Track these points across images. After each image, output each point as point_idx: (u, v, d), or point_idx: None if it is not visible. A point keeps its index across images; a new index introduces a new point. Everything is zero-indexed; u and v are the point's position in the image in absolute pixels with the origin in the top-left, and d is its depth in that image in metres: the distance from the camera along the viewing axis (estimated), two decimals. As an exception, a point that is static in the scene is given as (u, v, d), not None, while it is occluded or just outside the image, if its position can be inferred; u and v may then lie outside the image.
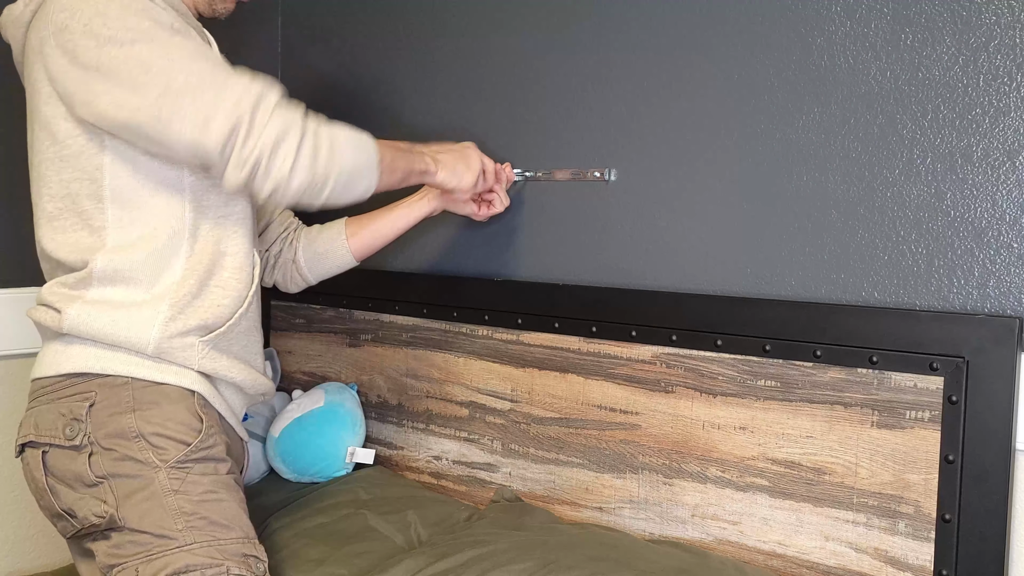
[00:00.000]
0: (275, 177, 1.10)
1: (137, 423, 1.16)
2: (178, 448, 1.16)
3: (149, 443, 1.16)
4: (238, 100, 1.08)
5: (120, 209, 1.17)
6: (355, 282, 1.86)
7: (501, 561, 1.29)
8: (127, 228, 1.17)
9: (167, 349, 1.18)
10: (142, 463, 1.15)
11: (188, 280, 1.19)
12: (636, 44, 1.49)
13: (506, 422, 1.64)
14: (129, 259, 1.17)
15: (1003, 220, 1.18)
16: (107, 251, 1.17)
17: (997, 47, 1.17)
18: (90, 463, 1.15)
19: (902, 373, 1.21)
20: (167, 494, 1.14)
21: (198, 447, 1.18)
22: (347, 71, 1.96)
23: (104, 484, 1.15)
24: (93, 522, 1.15)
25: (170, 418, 1.17)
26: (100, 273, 1.17)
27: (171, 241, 1.19)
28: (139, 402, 1.17)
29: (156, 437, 1.16)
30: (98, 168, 1.15)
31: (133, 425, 1.16)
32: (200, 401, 1.21)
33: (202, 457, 1.18)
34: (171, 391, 1.19)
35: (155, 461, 1.15)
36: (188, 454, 1.17)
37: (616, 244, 1.52)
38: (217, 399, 1.24)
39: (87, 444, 1.15)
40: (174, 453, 1.16)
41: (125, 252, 1.17)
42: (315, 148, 1.12)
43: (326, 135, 1.15)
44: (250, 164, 1.09)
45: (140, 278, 1.18)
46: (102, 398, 1.16)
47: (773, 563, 1.33)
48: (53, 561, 1.74)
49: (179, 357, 1.19)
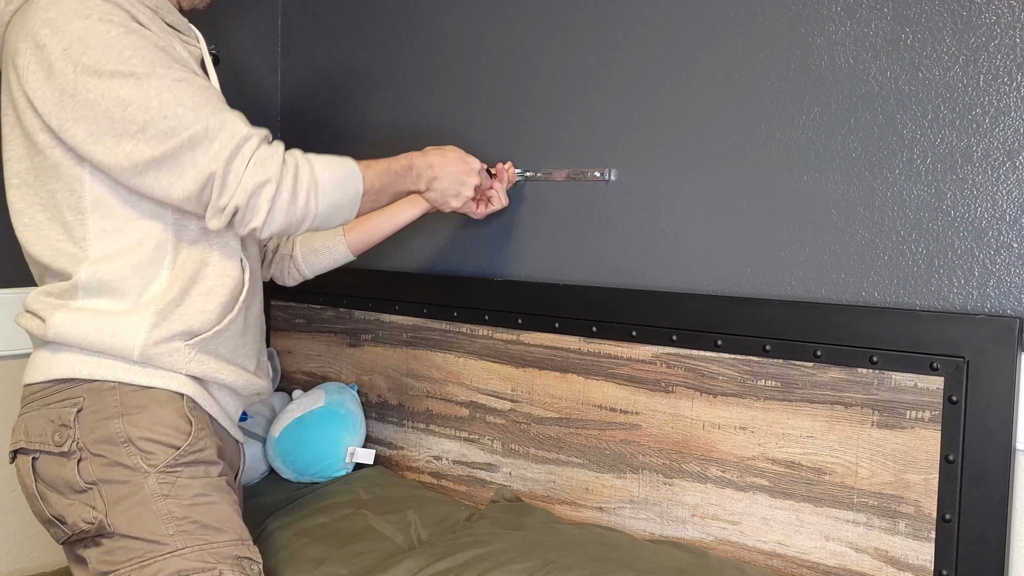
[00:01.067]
0: (252, 223, 1.13)
1: (125, 428, 1.15)
2: (167, 452, 1.15)
3: (137, 448, 1.14)
4: (213, 156, 1.09)
5: (102, 220, 1.15)
6: (355, 282, 1.86)
7: (501, 561, 1.29)
8: (110, 239, 1.16)
9: (153, 355, 1.17)
10: (131, 468, 1.14)
11: (173, 288, 1.18)
12: (636, 44, 1.49)
13: (506, 422, 1.64)
14: (114, 270, 1.16)
15: (1003, 220, 1.18)
16: (91, 262, 1.16)
17: (997, 47, 1.17)
18: (79, 469, 1.14)
19: (902, 373, 1.21)
20: (157, 499, 1.13)
21: (187, 450, 1.16)
22: (347, 71, 1.96)
23: (93, 490, 1.13)
24: (83, 528, 1.14)
25: (158, 422, 1.16)
26: (85, 284, 1.16)
27: (156, 251, 1.18)
28: (126, 406, 1.16)
29: (144, 442, 1.15)
30: (78, 179, 1.14)
31: (121, 430, 1.14)
32: (189, 404, 1.19)
33: (192, 460, 1.17)
34: (159, 394, 1.17)
35: (144, 466, 1.14)
36: (177, 458, 1.15)
37: (616, 244, 1.52)
38: (207, 401, 1.23)
39: (76, 450, 1.14)
40: (163, 457, 1.15)
41: (110, 263, 1.16)
42: (293, 194, 1.13)
43: (307, 179, 1.15)
44: (227, 213, 1.11)
45: (127, 289, 1.17)
46: (89, 403, 1.15)
47: (773, 563, 1.33)
48: (53, 561, 1.74)
49: (166, 362, 1.17)
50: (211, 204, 1.11)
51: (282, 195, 1.12)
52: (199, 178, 1.09)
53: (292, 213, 1.14)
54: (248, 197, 1.10)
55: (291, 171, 1.13)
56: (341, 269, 1.61)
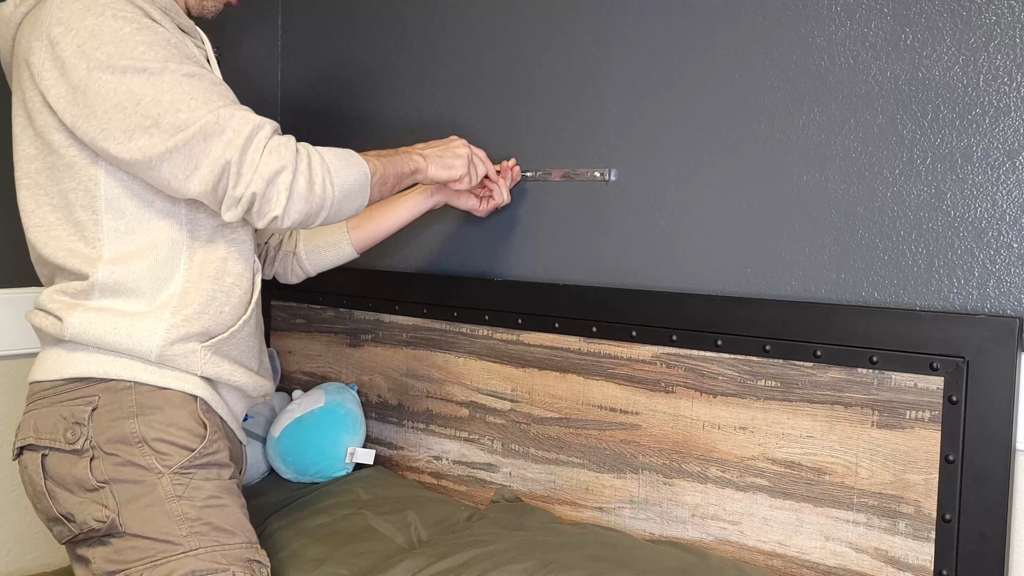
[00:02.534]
0: (271, 212, 1.12)
1: (140, 428, 1.15)
2: (181, 454, 1.16)
3: (152, 448, 1.15)
4: (227, 144, 1.08)
5: (115, 220, 1.16)
6: (355, 282, 1.86)
7: (501, 561, 1.29)
8: (124, 239, 1.17)
9: (170, 356, 1.17)
10: (145, 468, 1.14)
11: (190, 289, 1.19)
12: (636, 44, 1.49)
13: (506, 422, 1.64)
14: (130, 271, 1.16)
15: (1003, 220, 1.18)
16: (106, 263, 1.16)
17: (997, 47, 1.17)
18: (91, 467, 1.14)
19: (902, 373, 1.21)
20: (171, 500, 1.14)
21: (202, 453, 1.17)
22: (347, 70, 1.96)
23: (105, 489, 1.14)
24: (93, 527, 1.14)
25: (173, 423, 1.17)
26: (102, 285, 1.16)
27: (171, 252, 1.18)
28: (142, 407, 1.16)
29: (159, 443, 1.15)
30: (92, 179, 1.15)
31: (136, 430, 1.15)
32: (203, 406, 1.20)
33: (206, 463, 1.18)
34: (174, 396, 1.18)
35: (158, 467, 1.15)
36: (192, 459, 1.16)
37: (616, 244, 1.52)
38: (219, 403, 1.24)
39: (88, 448, 1.15)
40: (177, 459, 1.16)
41: (125, 264, 1.16)
42: (310, 181, 1.13)
43: (319, 165, 1.15)
44: (244, 203, 1.11)
45: (143, 290, 1.17)
46: (105, 402, 1.16)
47: (773, 563, 1.33)
48: (53, 561, 1.74)
49: (182, 363, 1.18)
50: (227, 194, 1.10)
51: (299, 182, 1.12)
52: (214, 168, 1.09)
53: (311, 200, 1.14)
54: (266, 184, 1.10)
55: (305, 158, 1.14)
56: (341, 269, 1.61)
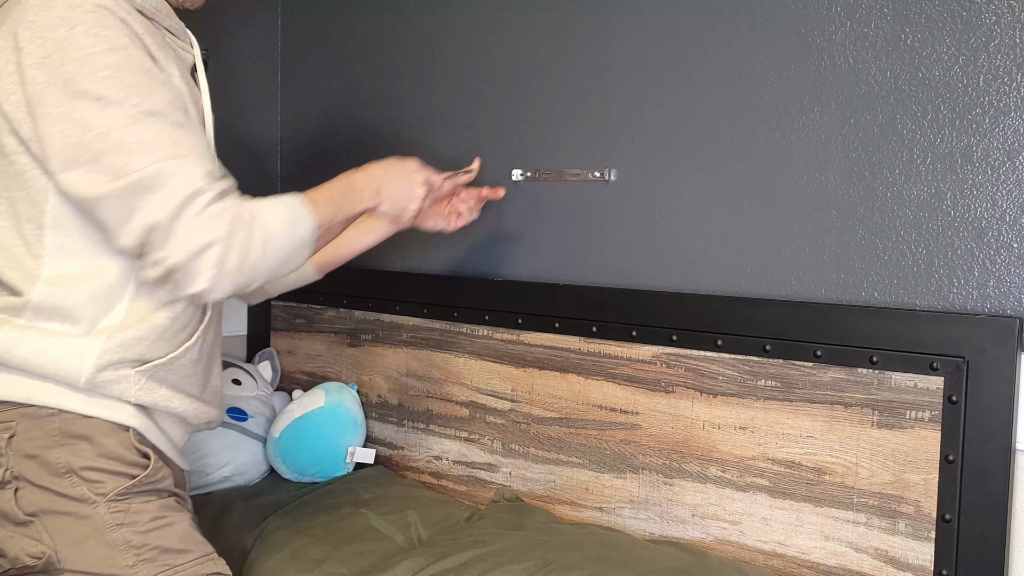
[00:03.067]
0: (195, 287, 1.03)
1: (66, 457, 1.07)
2: (117, 480, 1.08)
3: (82, 478, 1.07)
4: (159, 204, 1.00)
5: (61, 238, 1.07)
6: (355, 282, 1.86)
7: (501, 561, 1.29)
8: (67, 259, 1.08)
9: (100, 382, 1.08)
10: (76, 499, 1.06)
11: (132, 317, 1.10)
12: (636, 44, 1.49)
13: (506, 422, 1.64)
14: (69, 294, 1.07)
15: (1003, 220, 1.18)
16: (44, 282, 1.07)
17: (997, 47, 1.17)
18: (16, 499, 1.06)
19: (902, 373, 1.21)
20: (111, 528, 1.06)
21: (143, 481, 1.10)
22: (347, 71, 1.96)
23: (36, 522, 1.06)
24: (27, 563, 1.06)
25: (103, 453, 1.08)
26: (36, 305, 1.08)
27: (120, 279, 1.09)
28: (67, 435, 1.07)
29: (89, 471, 1.07)
30: (42, 192, 1.06)
31: (62, 459, 1.07)
32: (136, 436, 1.11)
33: (147, 490, 1.10)
34: (102, 425, 1.09)
35: (91, 496, 1.06)
36: (132, 487, 1.09)
37: (616, 244, 1.52)
38: (154, 432, 1.14)
39: (11, 479, 1.06)
40: (113, 485, 1.08)
41: (65, 287, 1.07)
42: (243, 257, 1.04)
43: (259, 233, 1.05)
44: (161, 269, 1.03)
45: (81, 315, 1.08)
46: (24, 429, 1.07)
47: (773, 563, 1.33)
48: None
49: (113, 389, 1.09)
50: (149, 256, 1.02)
51: (230, 259, 1.03)
52: (143, 225, 1.01)
53: (243, 272, 1.05)
54: (189, 257, 1.01)
55: (243, 228, 1.04)
56: (341, 269, 1.60)
